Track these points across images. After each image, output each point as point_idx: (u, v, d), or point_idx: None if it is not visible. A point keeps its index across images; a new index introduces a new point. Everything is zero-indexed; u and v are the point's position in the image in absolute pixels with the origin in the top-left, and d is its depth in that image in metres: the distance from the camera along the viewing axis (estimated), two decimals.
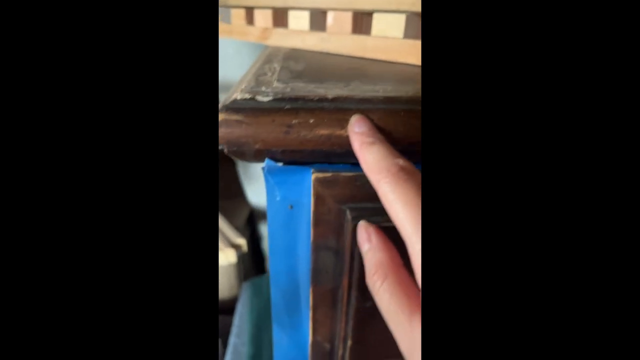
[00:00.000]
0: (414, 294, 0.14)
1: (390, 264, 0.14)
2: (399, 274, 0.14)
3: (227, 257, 0.64)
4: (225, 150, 0.14)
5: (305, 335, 0.23)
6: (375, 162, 0.13)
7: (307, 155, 0.15)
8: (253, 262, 0.81)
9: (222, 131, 0.14)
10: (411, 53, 0.22)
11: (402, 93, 0.16)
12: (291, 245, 0.20)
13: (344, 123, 0.14)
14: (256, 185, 0.78)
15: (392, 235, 0.15)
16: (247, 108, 0.14)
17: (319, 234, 0.18)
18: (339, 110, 0.14)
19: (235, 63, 0.60)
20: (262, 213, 0.82)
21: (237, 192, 0.82)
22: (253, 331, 0.56)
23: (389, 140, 0.14)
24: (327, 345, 0.22)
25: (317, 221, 0.18)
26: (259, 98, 0.14)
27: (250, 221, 0.81)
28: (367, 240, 0.16)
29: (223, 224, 0.70)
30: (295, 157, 0.15)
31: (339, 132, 0.14)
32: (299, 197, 0.18)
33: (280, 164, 0.17)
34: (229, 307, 0.69)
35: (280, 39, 0.29)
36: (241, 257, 0.65)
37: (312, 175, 0.17)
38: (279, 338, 0.23)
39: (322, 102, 0.14)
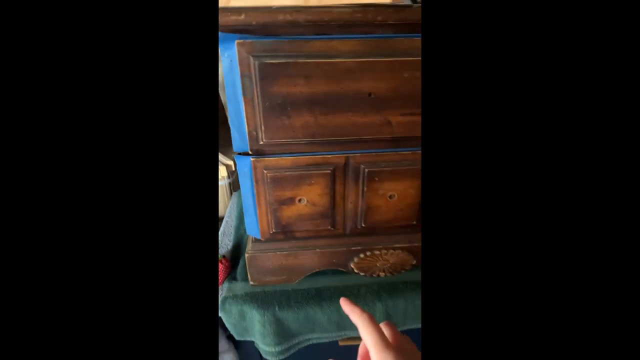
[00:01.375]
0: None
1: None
2: None
3: (220, 173, 0.91)
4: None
5: (245, 131, 0.49)
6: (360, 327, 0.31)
7: (235, 30, 0.42)
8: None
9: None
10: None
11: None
12: (234, 82, 0.47)
13: (251, 14, 0.41)
14: None
15: None
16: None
17: (242, 69, 0.45)
18: (256, 11, 0.41)
19: None
20: None
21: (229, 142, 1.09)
22: (238, 213, 0.83)
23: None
24: (254, 132, 0.49)
25: (240, 63, 0.45)
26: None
27: None
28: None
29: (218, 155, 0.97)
30: (229, 31, 0.42)
31: (247, 19, 0.41)
32: (233, 55, 0.45)
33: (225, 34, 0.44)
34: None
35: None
36: (230, 173, 0.93)
37: (236, 42, 0.44)
38: (234, 135, 0.50)
39: (241, 9, 0.41)
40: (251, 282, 0.62)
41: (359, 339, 0.69)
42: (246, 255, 0.59)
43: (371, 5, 0.40)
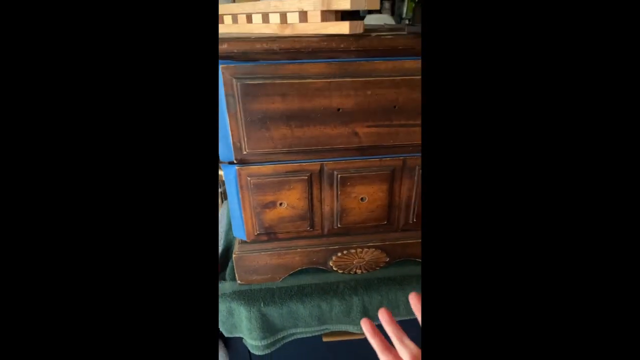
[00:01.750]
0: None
1: None
2: None
3: None
4: None
5: (230, 142, 0.56)
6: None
7: (220, 56, 0.49)
8: None
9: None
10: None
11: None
12: (220, 100, 0.54)
13: (233, 44, 0.48)
14: None
15: None
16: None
17: (226, 89, 0.52)
18: (237, 40, 0.48)
19: None
20: None
21: None
22: (228, 220, 0.89)
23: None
24: (238, 144, 0.56)
25: (225, 84, 0.51)
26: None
27: None
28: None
29: None
30: (222, 58, 0.49)
31: (229, 48, 0.48)
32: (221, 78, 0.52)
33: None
34: None
35: (234, 29, 0.63)
36: (220, 183, 0.99)
37: (221, 66, 0.51)
38: (221, 146, 0.57)
39: (224, 39, 0.48)
40: (239, 282, 0.68)
41: (341, 334, 0.75)
42: (234, 256, 0.65)
43: (335, 35, 0.48)
